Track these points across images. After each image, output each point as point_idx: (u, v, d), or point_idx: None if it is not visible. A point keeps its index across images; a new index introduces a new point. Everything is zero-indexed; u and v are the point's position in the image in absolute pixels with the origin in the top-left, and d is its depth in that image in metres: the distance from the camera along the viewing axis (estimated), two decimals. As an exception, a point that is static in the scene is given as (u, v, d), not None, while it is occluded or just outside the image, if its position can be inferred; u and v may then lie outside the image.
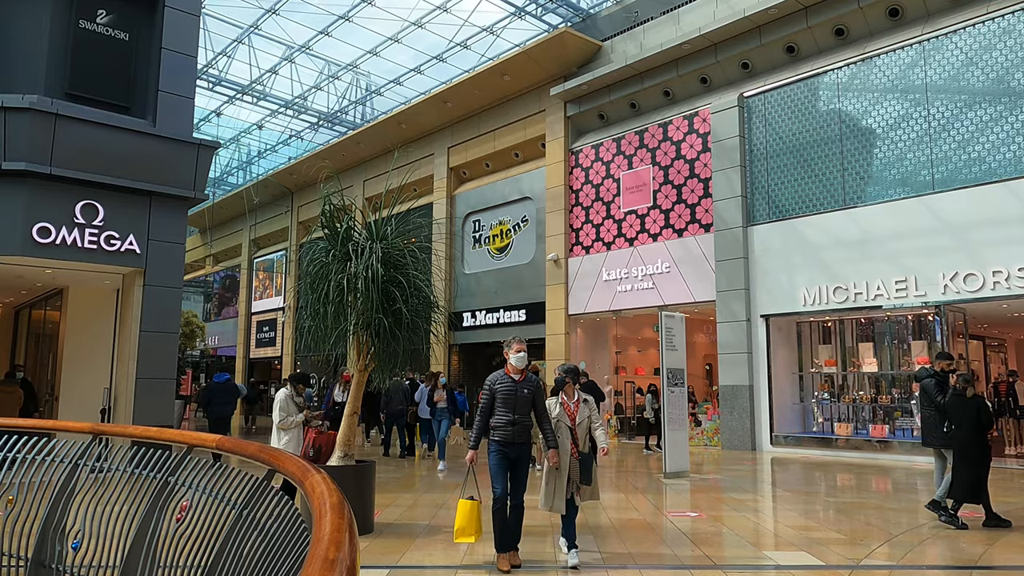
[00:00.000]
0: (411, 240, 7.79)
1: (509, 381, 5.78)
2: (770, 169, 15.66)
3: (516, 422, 5.72)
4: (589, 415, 6.07)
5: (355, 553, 1.38)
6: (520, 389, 5.77)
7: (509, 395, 5.73)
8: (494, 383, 5.80)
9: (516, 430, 5.72)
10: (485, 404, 5.81)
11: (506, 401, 5.73)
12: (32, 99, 10.51)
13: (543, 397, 5.92)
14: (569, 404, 6.05)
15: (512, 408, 5.72)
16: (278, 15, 21.97)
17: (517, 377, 5.81)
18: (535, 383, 5.84)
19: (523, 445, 5.79)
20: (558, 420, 5.91)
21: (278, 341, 30.98)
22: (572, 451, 5.89)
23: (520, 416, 5.74)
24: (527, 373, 5.85)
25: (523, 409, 5.76)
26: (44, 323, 16.10)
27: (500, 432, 5.71)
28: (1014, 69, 12.60)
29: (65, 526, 3.88)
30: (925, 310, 13.54)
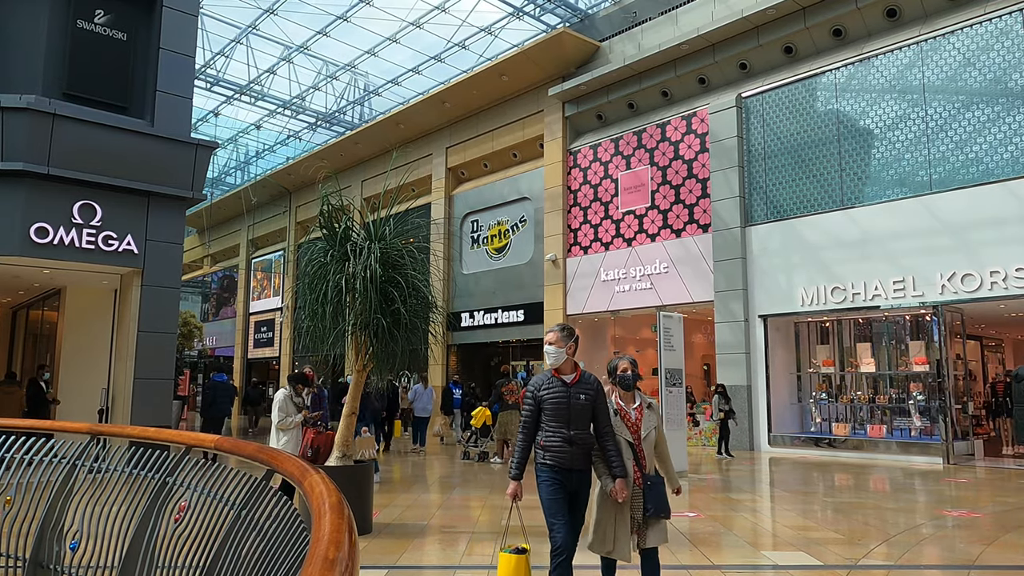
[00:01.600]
0: (409, 240, 7.78)
1: (558, 385, 4.33)
2: (768, 169, 15.67)
3: (574, 440, 4.24)
4: (656, 426, 4.53)
5: (355, 553, 1.38)
6: (574, 396, 4.29)
7: (560, 405, 4.27)
8: (538, 389, 4.36)
9: (575, 452, 4.24)
10: (528, 417, 4.39)
11: (557, 413, 4.28)
12: (30, 99, 10.50)
13: (606, 404, 4.42)
14: (628, 411, 4.45)
15: (566, 422, 4.27)
16: (276, 15, 21.96)
17: (569, 379, 4.36)
18: (594, 386, 4.38)
19: (585, 473, 4.34)
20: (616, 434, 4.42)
21: (276, 341, 30.95)
22: (636, 476, 4.35)
23: (579, 432, 4.28)
24: (582, 372, 4.44)
25: (582, 422, 4.32)
26: (42, 323, 16.07)
27: (554, 454, 4.27)
28: (1011, 70, 12.62)
29: (63, 526, 3.87)
30: (923, 310, 13.56)
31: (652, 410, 4.57)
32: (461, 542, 6.75)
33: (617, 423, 4.40)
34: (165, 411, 11.88)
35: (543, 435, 4.33)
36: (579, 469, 4.31)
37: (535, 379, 4.50)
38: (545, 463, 4.31)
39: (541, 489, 4.32)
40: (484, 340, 21.93)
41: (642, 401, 4.55)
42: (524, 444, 4.39)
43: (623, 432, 4.40)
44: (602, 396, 4.38)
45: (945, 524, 7.55)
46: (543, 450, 4.31)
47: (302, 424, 7.98)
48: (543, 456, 4.32)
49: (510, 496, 4.38)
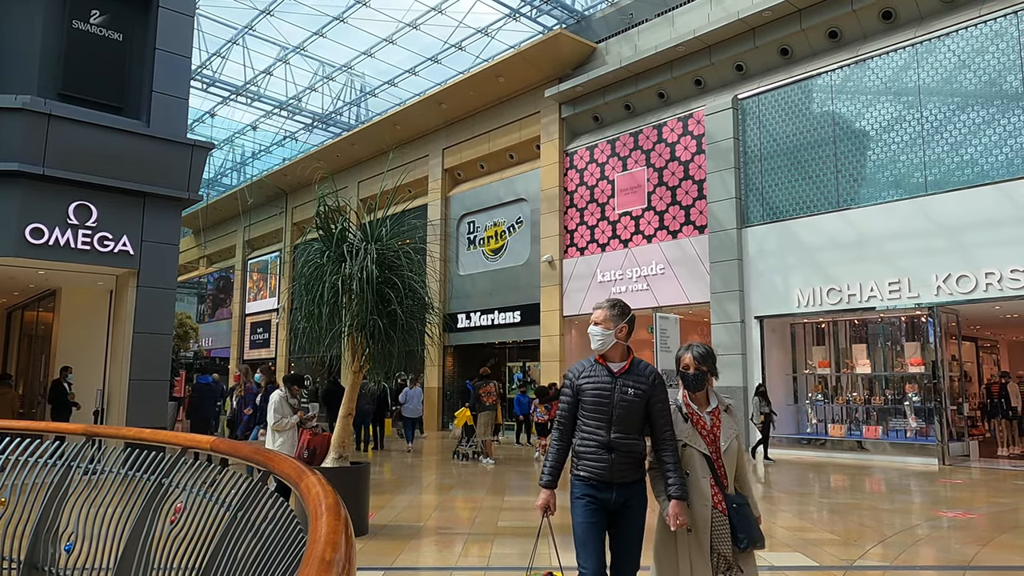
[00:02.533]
0: (406, 241, 7.78)
1: (603, 373, 3.48)
2: (764, 171, 15.70)
3: (616, 446, 3.39)
4: (737, 435, 3.61)
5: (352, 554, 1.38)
6: (621, 389, 3.43)
7: (602, 399, 3.43)
8: (577, 376, 3.55)
9: (616, 460, 3.39)
10: (564, 413, 3.57)
11: (597, 409, 3.43)
12: (25, 99, 10.46)
13: (666, 401, 3.53)
14: (701, 416, 3.55)
15: (608, 420, 3.41)
16: (272, 16, 21.94)
17: (616, 368, 3.49)
18: (649, 379, 3.50)
19: (632, 487, 3.46)
20: (685, 444, 3.49)
21: (272, 342, 30.91)
22: (715, 497, 3.43)
23: (623, 435, 3.40)
24: (634, 360, 3.55)
25: (629, 424, 3.41)
26: (37, 324, 16.03)
27: (589, 463, 3.44)
28: (1006, 72, 12.67)
29: (58, 528, 3.86)
30: (918, 311, 13.59)
31: (731, 415, 3.64)
32: (457, 543, 6.75)
33: (689, 431, 3.49)
34: (161, 412, 11.85)
35: (578, 437, 3.49)
36: (621, 484, 3.40)
37: (575, 366, 3.63)
38: (578, 475, 3.48)
39: (572, 508, 3.52)
40: (480, 341, 21.92)
41: (719, 403, 3.61)
42: (559, 446, 3.55)
43: (696, 442, 3.46)
44: (661, 393, 3.48)
45: (941, 525, 7.57)
46: (577, 457, 3.50)
47: (298, 425, 7.96)
48: (576, 466, 3.50)
49: (540, 508, 3.54)
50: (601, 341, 3.53)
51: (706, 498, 3.40)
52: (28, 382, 16.19)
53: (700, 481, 3.42)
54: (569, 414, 3.55)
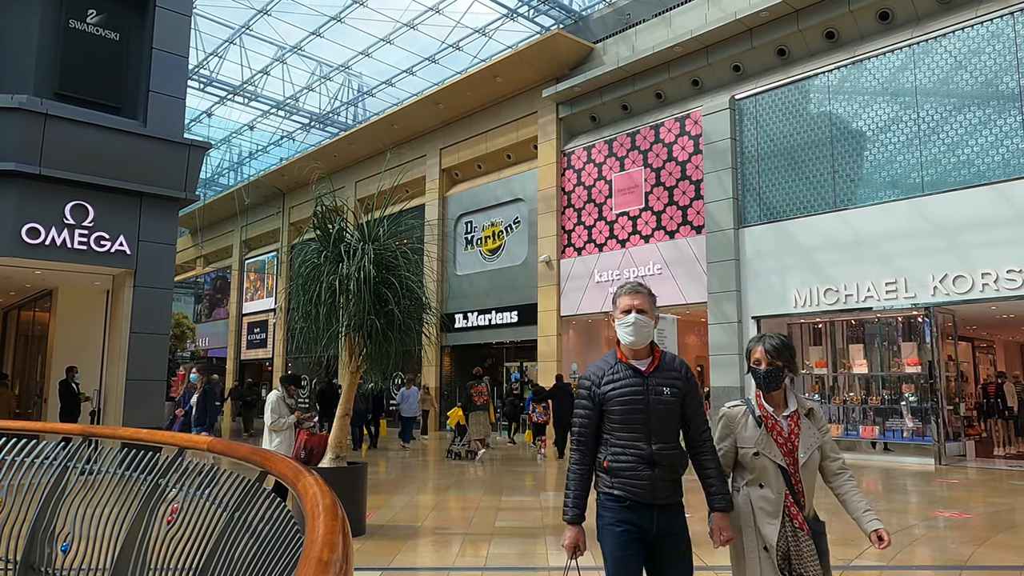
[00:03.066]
0: (403, 241, 7.78)
1: (629, 375, 2.96)
2: (761, 171, 15.72)
3: (656, 458, 2.87)
4: (820, 444, 3.06)
5: (349, 554, 1.38)
6: (654, 390, 2.93)
7: (634, 405, 2.90)
8: (599, 380, 2.99)
9: (657, 478, 2.88)
10: (583, 426, 3.00)
11: (630, 417, 2.90)
12: (21, 99, 10.44)
13: (700, 400, 3.11)
14: (778, 420, 3.01)
15: (646, 430, 2.90)
16: (270, 16, 21.92)
17: (644, 366, 2.99)
18: (683, 374, 3.02)
19: (674, 510, 2.96)
20: (757, 452, 2.96)
21: (269, 343, 30.87)
22: (794, 519, 2.92)
23: (665, 446, 2.90)
24: (663, 354, 3.06)
25: (668, 430, 2.94)
26: (33, 324, 15.99)
27: (627, 481, 2.89)
28: (1002, 73, 12.70)
29: (55, 528, 3.85)
30: (915, 312, 13.62)
31: (813, 419, 3.06)
32: (455, 543, 6.75)
33: (763, 438, 2.95)
34: (157, 413, 11.83)
35: (607, 452, 2.92)
36: (664, 505, 2.88)
37: (591, 369, 3.07)
38: (612, 494, 2.91)
39: (603, 537, 2.93)
40: (478, 341, 21.92)
41: (799, 406, 3.05)
42: (581, 469, 2.96)
43: (772, 452, 2.94)
44: (694, 388, 3.02)
45: (937, 525, 7.58)
46: (608, 474, 2.92)
47: (295, 426, 7.95)
48: (608, 484, 2.92)
49: (567, 549, 2.95)
50: (645, 332, 2.97)
51: (776, 516, 2.91)
52: (24, 382, 16.15)
53: (775, 497, 2.92)
54: (590, 428, 2.96)
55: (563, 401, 14.84)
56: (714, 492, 2.98)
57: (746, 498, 3.03)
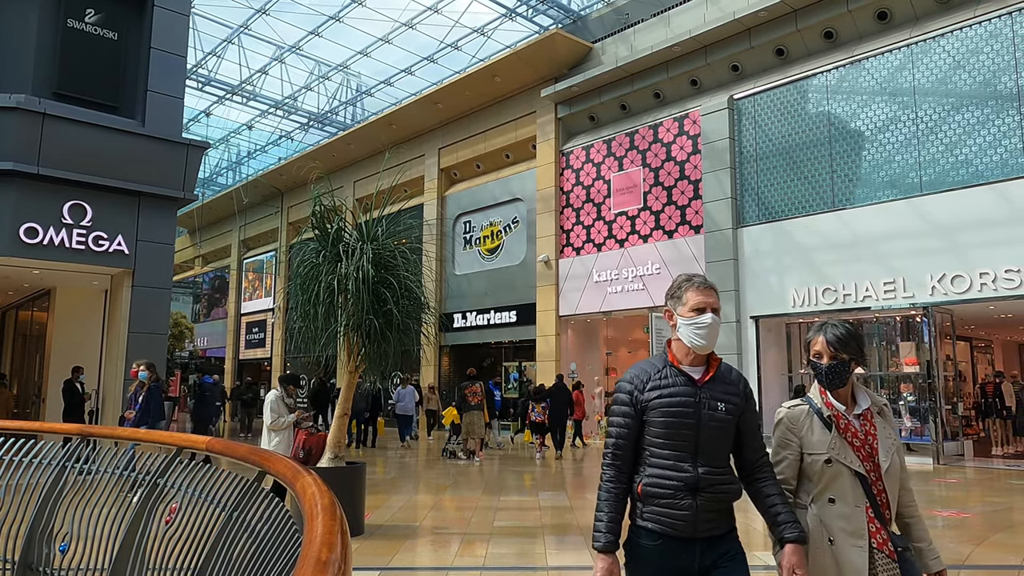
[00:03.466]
0: (402, 241, 7.78)
1: (680, 383, 2.51)
2: (760, 171, 15.72)
3: (704, 484, 2.43)
4: (898, 447, 2.63)
5: (347, 554, 1.37)
6: (708, 403, 2.48)
7: (685, 417, 2.45)
8: (643, 384, 2.53)
9: (703, 506, 2.42)
10: (620, 438, 2.52)
11: (675, 433, 2.45)
12: (20, 98, 10.43)
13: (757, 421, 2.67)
14: (850, 420, 2.57)
15: (692, 449, 2.45)
16: (268, 15, 21.90)
17: (698, 374, 2.54)
18: (741, 389, 2.57)
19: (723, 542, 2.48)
20: (830, 459, 2.50)
21: (268, 342, 30.85)
22: (875, 536, 2.46)
23: (713, 469, 2.45)
24: (720, 363, 2.58)
25: (718, 452, 2.49)
26: (31, 324, 15.98)
27: (660, 512, 2.44)
28: (1000, 73, 12.71)
29: (53, 528, 3.85)
30: (913, 311, 13.63)
31: (886, 418, 2.64)
32: (453, 543, 6.74)
33: (836, 442, 2.50)
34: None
35: (643, 474, 2.46)
36: (708, 538, 2.43)
37: (633, 370, 2.60)
38: (644, 527, 2.45)
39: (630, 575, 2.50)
40: (476, 341, 21.92)
41: (871, 403, 2.63)
42: (616, 488, 2.48)
43: (847, 457, 2.48)
44: (753, 408, 2.57)
45: (935, 524, 7.59)
46: (642, 501, 2.46)
47: (294, 425, 7.95)
48: (641, 513, 2.46)
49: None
50: (717, 335, 2.54)
51: (861, 536, 2.41)
52: (22, 382, 16.14)
53: (853, 511, 2.44)
54: (628, 440, 2.49)
55: (560, 401, 14.96)
56: (782, 520, 2.44)
57: (816, 519, 2.49)
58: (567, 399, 15.34)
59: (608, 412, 2.72)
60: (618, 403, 2.56)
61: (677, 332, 2.57)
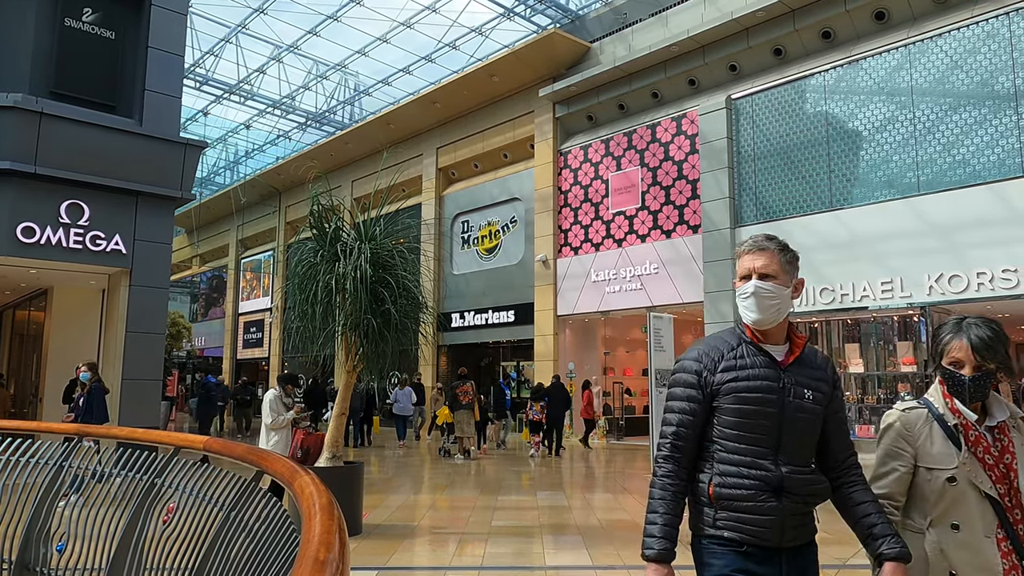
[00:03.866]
0: (400, 241, 7.78)
1: (761, 363, 2.14)
2: (757, 171, 15.74)
3: (789, 485, 2.06)
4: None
5: (345, 554, 1.37)
6: (792, 389, 2.12)
7: (764, 402, 2.08)
8: (714, 364, 2.16)
9: (785, 510, 2.05)
10: (684, 424, 2.14)
11: (753, 419, 2.08)
12: (17, 98, 10.41)
13: (845, 413, 2.32)
14: (982, 432, 2.19)
15: (774, 443, 2.08)
16: (266, 14, 21.87)
17: (781, 354, 2.18)
18: (830, 372, 2.25)
19: (806, 554, 2.15)
20: (953, 477, 2.13)
21: (265, 342, 30.83)
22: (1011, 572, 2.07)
23: (798, 468, 2.09)
24: (806, 344, 2.23)
25: (803, 447, 2.14)
26: (28, 324, 15.95)
27: (739, 517, 2.06)
28: (998, 73, 12.73)
29: (50, 528, 3.84)
30: (910, 311, 13.65)
31: (1021, 431, 2.24)
32: (451, 543, 6.74)
33: (965, 458, 2.12)
34: (153, 412, 11.80)
35: (713, 471, 2.08)
36: (792, 549, 2.08)
37: (701, 347, 2.21)
38: (719, 535, 2.07)
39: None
40: (474, 341, 21.91)
41: (1009, 414, 2.22)
42: (674, 486, 2.09)
43: (977, 476, 2.11)
44: (840, 397, 2.24)
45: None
46: (714, 505, 2.06)
47: (292, 424, 7.95)
48: (713, 519, 2.07)
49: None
50: (774, 305, 2.11)
51: (993, 572, 2.04)
52: (19, 382, 16.11)
53: (981, 541, 2.06)
54: (692, 430, 2.10)
55: (557, 400, 15.03)
56: (879, 533, 2.05)
57: (935, 547, 2.11)
58: (565, 398, 15.39)
59: (668, 395, 2.19)
60: (680, 384, 2.16)
61: (740, 301, 2.21)
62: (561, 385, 15.62)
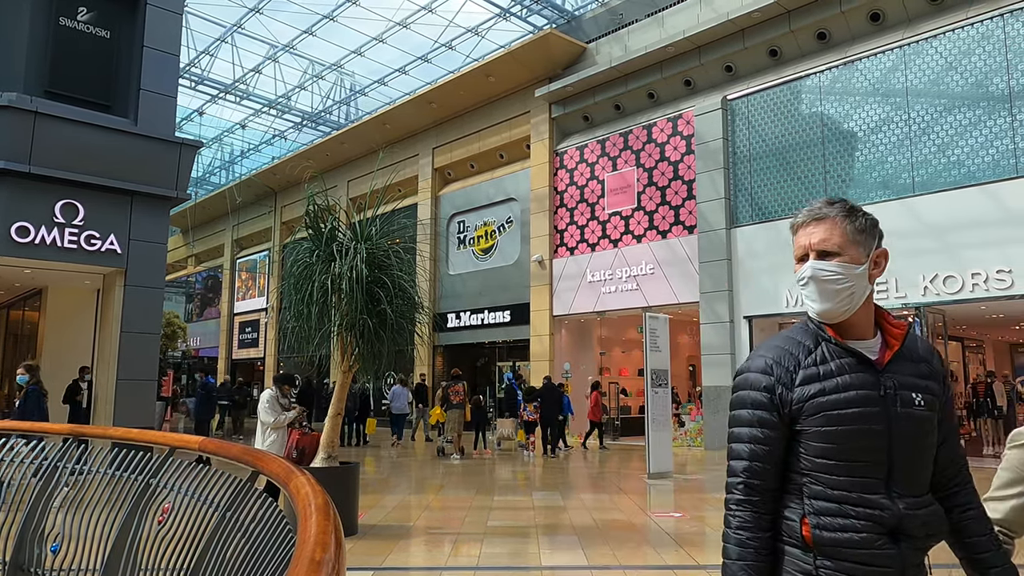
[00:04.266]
0: (396, 241, 7.77)
1: (850, 365, 1.61)
2: (753, 171, 15.77)
3: (905, 524, 1.55)
4: None
5: (341, 554, 1.37)
6: (900, 393, 1.60)
7: (866, 418, 1.56)
8: (790, 377, 1.62)
9: (906, 556, 1.57)
10: (759, 458, 1.62)
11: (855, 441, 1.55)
12: (11, 97, 10.37)
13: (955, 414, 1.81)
14: None
15: (882, 468, 1.56)
16: (262, 14, 21.83)
17: (875, 351, 1.66)
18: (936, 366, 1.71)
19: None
20: None
21: (261, 342, 30.77)
22: None
23: (915, 500, 1.59)
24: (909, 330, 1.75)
25: (919, 470, 1.62)
26: (23, 324, 15.90)
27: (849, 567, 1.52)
28: (992, 74, 12.77)
29: (44, 529, 3.83)
30: (905, 311, 13.69)
31: None
32: (447, 543, 6.74)
33: None
34: (148, 412, 11.78)
35: (808, 508, 1.60)
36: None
37: (767, 351, 1.72)
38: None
39: None
40: (470, 341, 21.91)
41: None
42: (755, 540, 1.61)
43: None
44: (950, 393, 1.76)
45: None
46: (812, 550, 1.58)
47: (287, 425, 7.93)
48: (814, 567, 1.57)
49: None
50: (843, 290, 1.65)
51: None
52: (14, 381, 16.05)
53: None
54: (771, 464, 1.62)
55: (550, 401, 15.11)
56: (989, 562, 1.69)
57: None
58: (557, 399, 15.45)
59: (732, 419, 1.72)
60: (747, 405, 1.66)
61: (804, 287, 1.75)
62: (553, 386, 15.69)
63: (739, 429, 1.68)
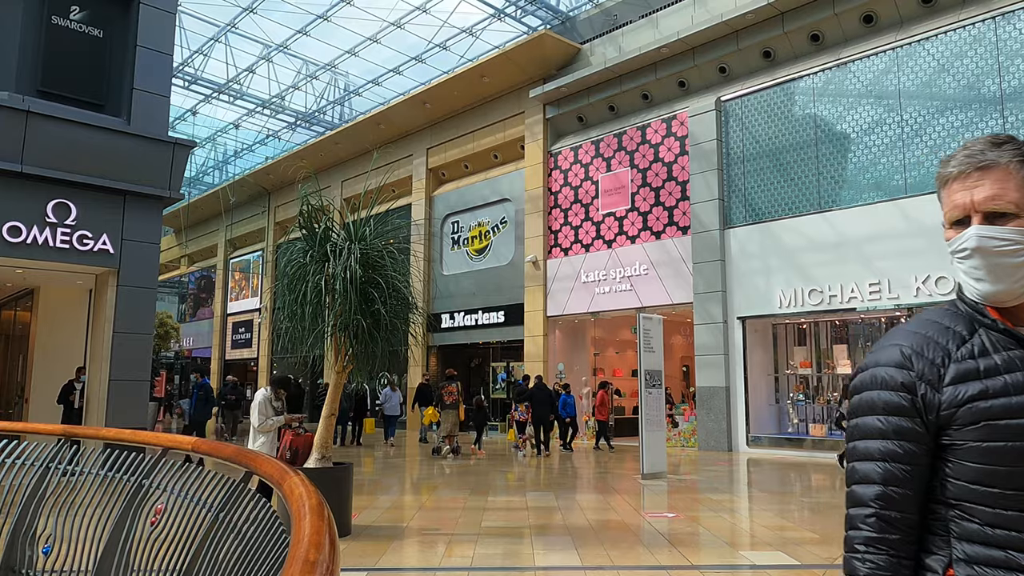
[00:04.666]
0: (390, 241, 7.76)
1: (1019, 359, 1.18)
2: (747, 172, 15.81)
3: None
4: None
5: (335, 555, 1.37)
6: None
7: None
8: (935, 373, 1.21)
9: None
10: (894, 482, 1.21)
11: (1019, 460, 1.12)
12: (3, 96, 10.33)
13: None
14: None
15: None
16: (255, 14, 21.79)
17: None
18: None
19: None
20: None
21: (254, 343, 30.69)
22: None
23: None
24: None
25: None
26: (14, 324, 15.82)
27: None
28: (984, 76, 12.84)
29: (36, 530, 3.81)
30: (898, 312, 13.75)
31: None
32: (441, 544, 6.74)
33: None
34: (141, 413, 11.74)
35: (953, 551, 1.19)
36: None
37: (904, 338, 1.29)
38: None
39: None
40: (464, 341, 21.90)
41: None
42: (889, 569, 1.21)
43: None
44: None
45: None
46: None
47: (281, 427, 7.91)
48: None
49: None
50: (999, 268, 1.26)
51: None
52: (5, 382, 15.98)
53: None
54: (911, 489, 1.24)
55: (541, 401, 15.23)
56: None
57: None
58: (548, 399, 15.51)
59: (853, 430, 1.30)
60: (878, 410, 1.27)
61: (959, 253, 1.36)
62: (544, 386, 15.76)
63: (867, 443, 1.26)
